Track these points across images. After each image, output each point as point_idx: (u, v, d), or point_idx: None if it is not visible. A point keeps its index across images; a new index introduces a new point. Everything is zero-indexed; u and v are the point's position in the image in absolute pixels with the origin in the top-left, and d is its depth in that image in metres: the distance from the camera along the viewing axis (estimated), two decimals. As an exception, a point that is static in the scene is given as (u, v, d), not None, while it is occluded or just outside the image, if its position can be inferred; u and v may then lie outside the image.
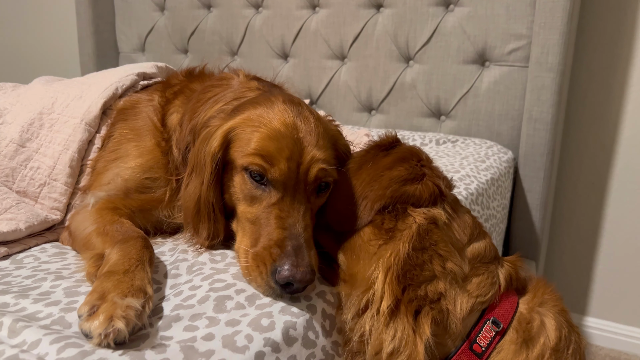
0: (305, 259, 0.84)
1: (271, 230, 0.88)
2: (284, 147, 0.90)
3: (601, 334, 2.22)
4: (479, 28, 1.95)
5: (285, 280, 0.82)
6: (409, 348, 0.80)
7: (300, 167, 0.91)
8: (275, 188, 0.91)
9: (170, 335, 0.73)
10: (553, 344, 0.84)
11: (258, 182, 0.92)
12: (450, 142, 1.91)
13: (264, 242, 0.88)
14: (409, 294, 0.83)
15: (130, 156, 1.12)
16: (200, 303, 0.80)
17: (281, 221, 0.89)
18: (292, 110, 0.96)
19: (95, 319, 0.69)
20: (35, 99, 1.27)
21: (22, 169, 1.17)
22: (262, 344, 0.74)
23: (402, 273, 0.83)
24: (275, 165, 0.89)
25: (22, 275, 0.90)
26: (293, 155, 0.90)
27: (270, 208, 0.90)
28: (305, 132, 0.94)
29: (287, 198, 0.91)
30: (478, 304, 0.86)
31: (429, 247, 0.86)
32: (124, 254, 0.86)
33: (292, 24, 2.32)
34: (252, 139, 0.92)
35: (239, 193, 0.95)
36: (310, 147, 0.93)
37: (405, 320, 0.81)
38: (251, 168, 0.91)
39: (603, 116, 2.07)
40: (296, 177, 0.91)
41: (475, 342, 0.84)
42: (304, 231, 0.89)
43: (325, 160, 0.94)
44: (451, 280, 0.85)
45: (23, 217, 1.06)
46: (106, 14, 2.76)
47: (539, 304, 0.90)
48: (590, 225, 2.18)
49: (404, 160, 0.94)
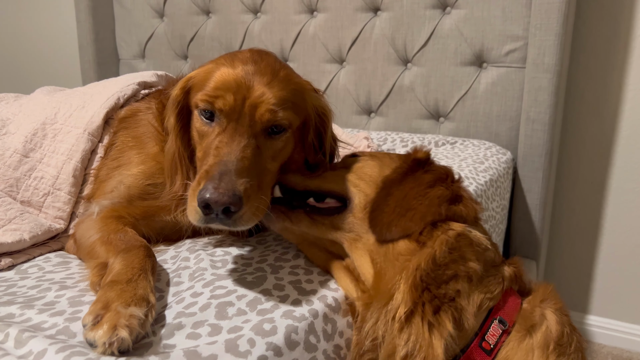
0: (227, 184, 0.83)
1: (208, 161, 0.90)
2: (231, 82, 0.93)
3: (603, 332, 2.22)
4: (476, 30, 1.96)
5: (204, 201, 0.82)
6: (423, 351, 0.81)
7: (246, 101, 0.92)
8: (219, 122, 0.94)
9: (173, 343, 0.74)
10: (555, 336, 0.85)
11: (207, 119, 0.95)
12: (449, 143, 1.92)
13: (200, 173, 0.89)
14: (429, 294, 0.84)
15: (132, 163, 1.14)
16: (202, 310, 0.81)
17: (217, 150, 0.90)
18: (255, 55, 0.99)
19: (100, 328, 0.70)
20: (38, 109, 1.29)
21: (26, 179, 1.19)
22: (264, 348, 0.76)
23: (425, 277, 0.84)
24: (218, 98, 0.92)
25: (27, 286, 0.92)
26: (239, 89, 0.92)
27: (212, 141, 0.93)
28: (259, 73, 0.95)
29: (228, 130, 0.92)
30: (486, 300, 0.88)
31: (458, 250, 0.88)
32: (127, 263, 0.87)
33: (291, 29, 2.34)
34: (206, 81, 0.96)
35: (196, 135, 0.99)
36: (260, 85, 0.93)
37: (421, 323, 0.82)
38: (200, 105, 0.95)
39: (601, 116, 2.08)
40: (240, 110, 0.92)
41: (484, 340, 0.85)
42: (239, 161, 0.87)
43: (278, 102, 0.93)
44: (469, 278, 0.88)
45: (27, 228, 1.08)
46: (106, 22, 2.78)
47: (540, 301, 0.92)
48: (590, 224, 2.19)
49: (442, 180, 0.99)
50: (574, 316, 2.27)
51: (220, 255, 1.01)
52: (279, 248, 1.06)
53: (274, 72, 0.97)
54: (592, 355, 2.13)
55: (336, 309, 0.91)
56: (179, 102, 1.01)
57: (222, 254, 1.01)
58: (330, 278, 0.98)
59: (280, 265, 0.98)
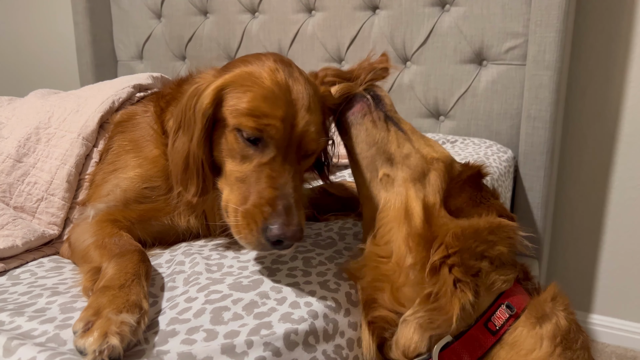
0: (295, 218, 0.87)
1: (262, 189, 0.89)
2: (278, 109, 0.91)
3: (607, 331, 2.20)
4: (476, 27, 1.94)
5: (276, 238, 0.85)
6: (445, 299, 0.84)
7: (294, 129, 0.92)
8: (267, 148, 0.92)
9: (167, 350, 0.73)
10: (564, 330, 0.86)
11: (250, 141, 0.92)
12: (449, 142, 1.90)
13: (254, 200, 0.89)
14: (459, 258, 0.86)
15: (128, 167, 1.12)
16: (197, 316, 0.80)
17: (272, 181, 0.90)
18: (284, 70, 0.96)
19: (90, 336, 0.69)
20: (32, 113, 1.27)
21: (20, 184, 1.17)
22: (262, 349, 0.75)
23: (462, 238, 0.87)
24: (269, 126, 0.90)
25: (18, 292, 0.90)
26: (287, 117, 0.91)
27: (262, 167, 0.91)
28: (297, 94, 0.94)
29: (278, 158, 0.92)
30: (498, 281, 0.90)
31: (496, 234, 0.91)
32: (120, 268, 0.86)
33: (289, 28, 2.32)
34: (245, 98, 0.92)
35: (230, 152, 0.95)
36: (303, 110, 0.93)
37: (448, 275, 0.85)
38: (244, 128, 0.92)
39: (603, 113, 2.06)
40: (289, 138, 0.92)
41: (489, 321, 0.87)
42: (294, 192, 0.90)
43: (318, 129, 0.96)
44: (491, 262, 0.89)
45: (20, 233, 1.06)
46: (103, 23, 2.77)
47: (550, 298, 0.93)
48: (592, 222, 2.17)
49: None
50: (578, 315, 2.20)
51: (216, 259, 0.99)
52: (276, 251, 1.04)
53: (307, 91, 0.96)
54: (596, 354, 2.12)
55: (336, 309, 0.90)
56: (208, 113, 0.95)
57: (217, 258, 1.00)
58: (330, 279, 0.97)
59: (278, 268, 0.97)
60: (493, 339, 0.85)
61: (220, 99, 0.95)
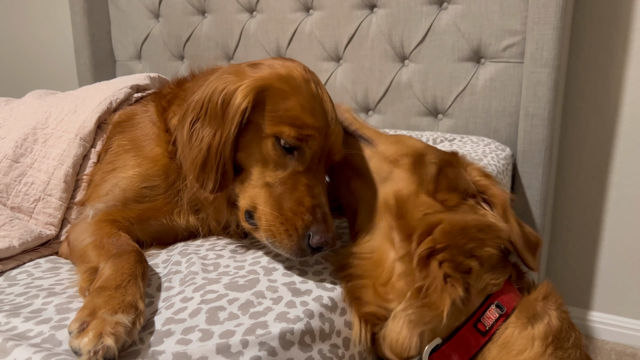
0: (332, 226, 0.93)
1: (300, 197, 0.92)
2: (318, 119, 0.94)
3: (606, 328, 2.20)
4: (473, 25, 1.94)
5: (319, 244, 0.90)
6: (436, 295, 0.84)
7: (327, 140, 0.96)
8: (304, 157, 0.95)
9: (162, 350, 0.73)
10: (555, 330, 0.86)
11: (286, 149, 0.94)
12: (447, 140, 1.90)
13: (292, 207, 0.92)
14: (448, 253, 0.87)
15: (128, 166, 1.12)
16: (192, 316, 0.80)
17: (309, 189, 0.94)
18: (314, 81, 0.99)
19: (85, 336, 0.69)
20: (29, 113, 1.28)
21: (17, 185, 1.17)
22: (257, 348, 0.75)
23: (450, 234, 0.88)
24: (309, 137, 0.93)
25: (14, 293, 0.90)
26: (323, 128, 0.95)
27: (298, 176, 0.94)
28: (327, 105, 0.98)
29: (313, 169, 0.96)
30: (489, 285, 0.90)
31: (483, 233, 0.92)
32: (116, 268, 0.86)
33: (287, 27, 2.32)
34: (284, 105, 0.93)
35: (263, 157, 0.95)
36: (333, 123, 0.98)
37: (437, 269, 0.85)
38: (285, 137, 0.93)
39: (601, 110, 2.05)
40: (322, 149, 0.96)
41: (479, 322, 0.87)
42: (327, 200, 0.96)
43: (342, 139, 1.01)
44: (481, 263, 0.90)
45: (17, 234, 1.06)
46: (101, 23, 2.77)
47: (542, 297, 0.93)
48: (591, 220, 2.16)
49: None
50: (577, 312, 2.25)
51: (212, 259, 0.99)
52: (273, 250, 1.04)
53: (331, 102, 1.00)
54: (596, 352, 2.11)
55: (333, 308, 0.90)
56: (246, 114, 0.94)
57: (214, 257, 1.00)
58: (326, 278, 0.97)
59: (274, 267, 0.97)
60: (483, 339, 0.85)
61: (258, 101, 0.94)
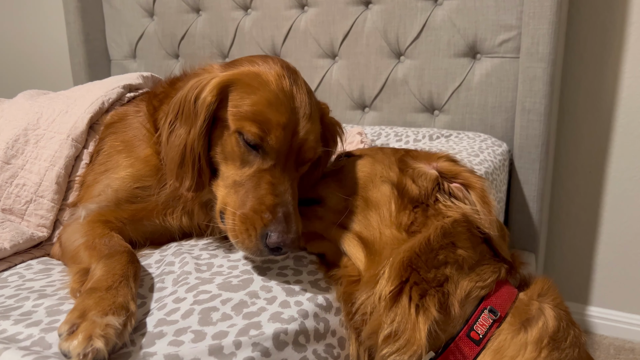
0: (294, 226, 0.89)
1: (262, 195, 0.90)
2: (282, 115, 0.91)
3: (604, 322, 2.20)
4: (469, 20, 1.93)
5: (276, 245, 0.87)
6: (408, 333, 0.82)
7: (295, 137, 0.93)
8: (268, 154, 0.92)
9: (154, 352, 0.72)
10: (551, 331, 0.84)
11: (251, 146, 0.92)
12: (443, 136, 1.89)
13: (253, 205, 0.89)
14: (417, 276, 0.85)
15: (120, 167, 1.11)
16: (185, 317, 0.79)
17: (273, 187, 0.91)
18: (290, 77, 0.96)
19: (74, 339, 0.68)
20: (20, 114, 1.26)
21: (8, 186, 1.16)
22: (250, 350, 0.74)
23: (415, 258, 0.85)
24: (271, 133, 0.90)
25: (5, 295, 0.89)
26: (289, 124, 0.92)
27: (262, 173, 0.92)
28: (301, 103, 0.95)
29: (279, 165, 0.93)
30: (477, 289, 0.88)
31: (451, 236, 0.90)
32: (108, 269, 0.85)
33: (282, 24, 2.31)
34: (249, 100, 0.92)
35: (229, 154, 0.95)
36: (304, 119, 0.94)
37: (408, 304, 0.83)
38: (246, 133, 0.91)
39: (597, 104, 2.05)
40: (289, 146, 0.93)
41: (472, 330, 0.85)
42: (293, 199, 0.92)
43: (316, 138, 0.97)
44: (459, 266, 0.88)
45: (8, 236, 1.05)
46: (96, 22, 2.75)
47: (537, 295, 0.91)
48: (589, 214, 2.16)
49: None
50: (575, 308, 2.25)
51: (205, 259, 0.98)
52: (267, 249, 1.03)
53: (309, 100, 0.97)
54: (594, 346, 2.11)
55: (327, 308, 0.89)
56: (211, 109, 0.94)
57: (207, 257, 0.99)
58: (321, 277, 0.96)
59: (268, 267, 0.96)
60: (477, 348, 0.83)
61: (224, 95, 0.94)
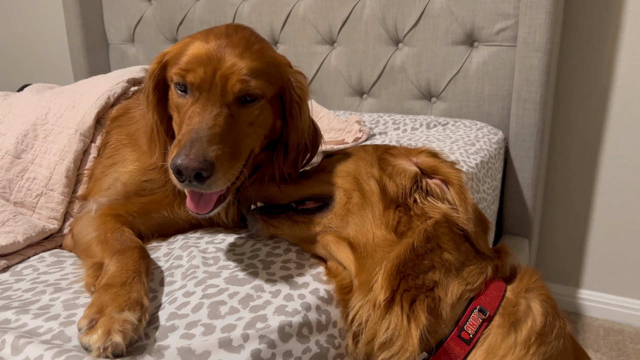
0: (198, 150, 0.86)
1: (182, 130, 0.93)
2: (202, 55, 0.95)
3: (595, 305, 2.27)
4: (467, 8, 1.94)
5: (175, 167, 0.86)
6: (401, 339, 0.85)
7: (217, 72, 0.94)
8: (192, 94, 0.96)
9: (167, 345, 0.76)
10: (539, 328, 0.88)
11: (182, 91, 0.97)
12: (440, 125, 1.92)
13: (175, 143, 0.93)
14: (407, 283, 0.88)
15: (127, 161, 1.15)
16: (195, 311, 0.83)
17: (189, 120, 0.93)
18: (229, 29, 1.01)
19: (94, 333, 0.72)
20: (28, 109, 1.29)
21: (19, 180, 1.20)
22: (257, 342, 0.78)
23: (403, 265, 0.88)
24: (189, 71, 0.94)
25: (21, 289, 0.93)
26: (210, 61, 0.94)
27: (186, 112, 0.95)
28: (232, 45, 0.97)
29: (200, 101, 0.94)
30: (467, 292, 0.91)
31: (434, 239, 0.92)
32: (121, 265, 0.89)
33: (280, 10, 2.31)
34: (181, 55, 0.97)
35: (173, 107, 1.01)
36: (231, 56, 0.95)
37: (400, 311, 0.86)
38: (174, 79, 0.97)
39: (592, 93, 2.08)
40: (211, 82, 0.94)
41: (463, 330, 0.88)
42: (210, 128, 0.90)
43: (249, 72, 0.95)
44: (446, 269, 0.91)
45: (21, 229, 1.09)
46: (93, 6, 2.74)
47: (525, 290, 0.94)
48: (581, 200, 2.21)
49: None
50: (567, 290, 2.31)
51: (212, 252, 1.02)
52: (271, 242, 1.07)
53: (247, 44, 0.98)
54: (584, 328, 2.18)
55: (329, 300, 0.93)
56: (156, 76, 1.03)
57: (214, 251, 1.03)
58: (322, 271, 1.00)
59: (272, 260, 1.00)
60: (467, 347, 0.87)
61: (165, 64, 1.02)
